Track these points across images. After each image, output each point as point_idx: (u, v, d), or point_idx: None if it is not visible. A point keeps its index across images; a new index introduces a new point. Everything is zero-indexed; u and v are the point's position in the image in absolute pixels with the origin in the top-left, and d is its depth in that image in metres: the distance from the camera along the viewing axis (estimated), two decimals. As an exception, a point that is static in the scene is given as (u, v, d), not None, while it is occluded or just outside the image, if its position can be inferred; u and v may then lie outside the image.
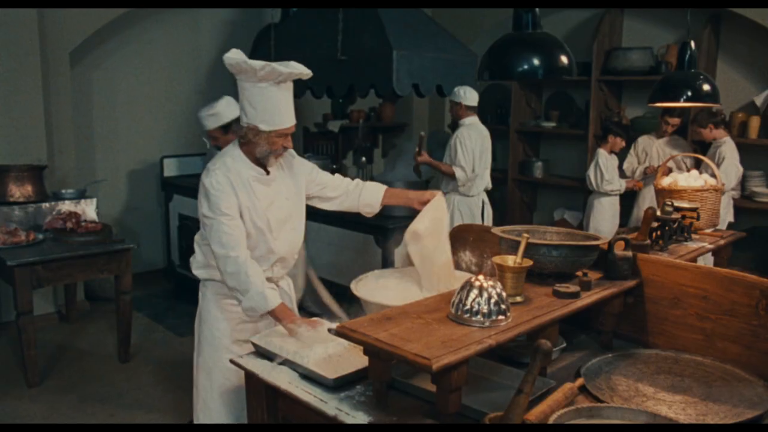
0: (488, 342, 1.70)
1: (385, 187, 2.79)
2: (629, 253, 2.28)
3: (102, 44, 5.50)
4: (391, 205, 2.83)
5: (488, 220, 5.06)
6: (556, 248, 2.16)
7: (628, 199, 5.50)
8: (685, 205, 2.91)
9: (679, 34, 5.69)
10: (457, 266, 2.90)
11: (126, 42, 5.68)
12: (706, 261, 3.28)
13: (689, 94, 2.89)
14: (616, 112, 6.05)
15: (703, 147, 5.35)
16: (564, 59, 1.86)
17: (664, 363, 2.14)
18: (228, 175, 2.43)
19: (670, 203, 2.76)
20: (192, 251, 2.75)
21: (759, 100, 5.23)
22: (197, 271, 2.67)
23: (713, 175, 3.18)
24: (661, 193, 3.13)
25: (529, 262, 2.03)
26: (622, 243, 2.31)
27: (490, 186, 5.05)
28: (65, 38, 4.94)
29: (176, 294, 5.70)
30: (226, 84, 6.29)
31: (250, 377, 2.17)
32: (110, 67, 5.63)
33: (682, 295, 2.21)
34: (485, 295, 1.82)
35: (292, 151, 2.64)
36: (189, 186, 5.31)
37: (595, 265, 2.33)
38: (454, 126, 5.33)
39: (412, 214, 4.88)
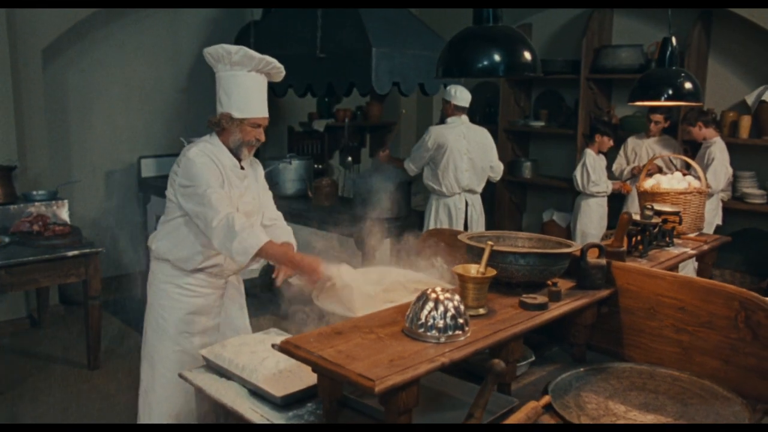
0: (441, 360, 1.58)
1: (290, 241, 2.66)
2: (603, 261, 2.15)
3: (78, 42, 5.35)
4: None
5: (476, 223, 4.92)
6: (524, 256, 2.04)
7: (617, 200, 5.37)
8: (667, 208, 2.78)
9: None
10: (426, 273, 2.78)
11: (103, 40, 5.54)
12: (685, 270, 3.17)
13: (670, 92, 2.75)
14: (606, 111, 5.93)
15: (694, 147, 5.23)
16: (527, 55, 1.72)
17: (638, 378, 2.02)
18: (210, 155, 2.46)
19: (650, 207, 2.64)
20: None
21: (750, 99, 5.11)
22: (155, 244, 2.59)
23: (699, 177, 3.05)
24: (644, 196, 3.00)
25: (492, 272, 1.90)
26: (596, 250, 2.19)
27: (477, 189, 4.90)
28: (37, 36, 4.79)
29: (154, 298, 5.55)
30: (207, 83, 6.12)
31: (200, 392, 2.05)
32: (87, 65, 5.49)
33: (658, 305, 2.09)
34: (441, 308, 1.69)
35: (256, 159, 2.71)
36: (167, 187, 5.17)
37: (568, 273, 2.21)
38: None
39: (398, 215, 4.83)
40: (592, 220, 5.15)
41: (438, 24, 5.90)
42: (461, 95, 4.70)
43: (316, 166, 6.45)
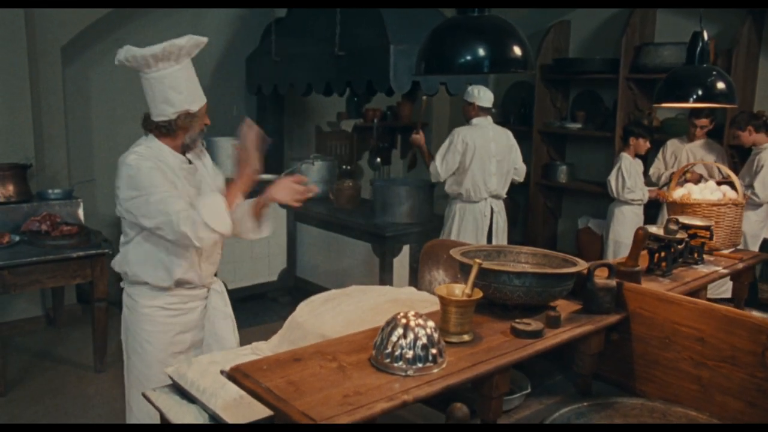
0: (402, 398, 1.37)
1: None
2: (612, 283, 1.90)
3: (100, 40, 5.29)
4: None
5: (501, 231, 4.67)
6: (519, 276, 1.81)
7: (654, 208, 5.04)
8: (696, 221, 2.50)
9: (717, 27, 5.19)
10: (428, 288, 2.58)
11: (125, 38, 5.45)
12: (726, 286, 2.87)
13: (699, 92, 2.47)
14: (647, 113, 5.58)
15: (741, 152, 4.87)
16: (516, 49, 1.49)
17: (649, 417, 1.77)
18: (151, 159, 2.29)
19: (674, 220, 2.37)
20: None
21: (805, 102, 4.72)
22: (127, 268, 2.43)
23: (736, 186, 2.75)
24: (672, 207, 2.72)
25: (479, 294, 1.69)
26: (605, 269, 1.94)
27: (502, 194, 4.66)
28: (56, 33, 4.74)
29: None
30: (234, 80, 6.05)
31: (161, 415, 1.89)
32: (110, 63, 5.41)
33: (674, 335, 1.84)
34: (411, 336, 1.48)
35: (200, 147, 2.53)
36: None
37: (575, 294, 1.97)
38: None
39: (420, 220, 4.64)
40: (626, 229, 4.81)
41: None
42: (484, 95, 4.46)
43: (344, 167, 6.28)
